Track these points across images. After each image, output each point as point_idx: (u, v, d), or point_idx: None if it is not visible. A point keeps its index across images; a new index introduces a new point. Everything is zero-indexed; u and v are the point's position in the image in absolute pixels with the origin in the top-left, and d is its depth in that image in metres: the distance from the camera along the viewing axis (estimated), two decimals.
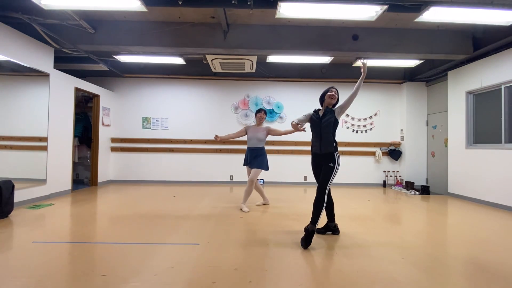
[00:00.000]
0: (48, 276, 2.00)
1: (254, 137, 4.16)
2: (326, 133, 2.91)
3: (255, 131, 4.20)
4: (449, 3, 3.41)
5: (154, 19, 4.65)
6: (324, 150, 2.91)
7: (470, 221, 3.80)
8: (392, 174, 7.05)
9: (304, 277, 2.06)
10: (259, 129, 4.24)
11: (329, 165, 2.85)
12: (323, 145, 2.92)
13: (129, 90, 7.02)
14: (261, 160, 4.11)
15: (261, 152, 4.17)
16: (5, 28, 3.92)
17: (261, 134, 4.18)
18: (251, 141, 4.19)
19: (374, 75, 6.74)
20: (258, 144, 4.17)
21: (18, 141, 4.34)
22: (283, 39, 4.80)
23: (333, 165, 2.84)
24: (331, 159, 2.87)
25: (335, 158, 2.87)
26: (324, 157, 2.91)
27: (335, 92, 2.97)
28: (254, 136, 4.17)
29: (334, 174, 2.84)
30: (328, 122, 2.91)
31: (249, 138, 4.21)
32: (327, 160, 2.88)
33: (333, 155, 2.87)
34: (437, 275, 2.14)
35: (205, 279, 2.01)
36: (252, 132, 4.21)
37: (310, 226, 2.70)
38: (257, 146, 4.17)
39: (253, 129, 4.24)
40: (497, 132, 4.85)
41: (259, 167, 4.09)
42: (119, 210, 4.05)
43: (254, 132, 4.19)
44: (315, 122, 3.02)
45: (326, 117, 2.94)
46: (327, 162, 2.88)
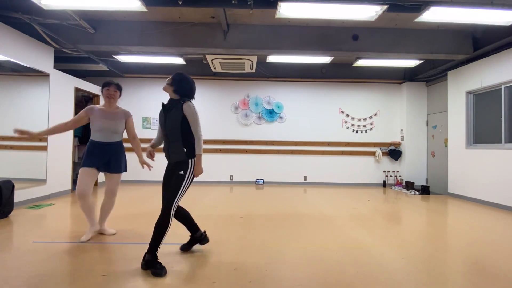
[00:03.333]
0: (48, 276, 2.00)
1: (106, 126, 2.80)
2: (173, 134, 2.24)
3: (106, 116, 2.82)
4: (449, 3, 3.41)
5: (154, 19, 4.65)
6: (173, 158, 2.28)
7: (470, 221, 3.80)
8: (392, 174, 7.05)
9: (304, 277, 2.06)
10: (112, 114, 2.85)
11: (180, 172, 2.20)
12: (171, 152, 2.28)
13: (129, 90, 7.01)
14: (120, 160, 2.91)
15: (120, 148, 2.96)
16: (5, 28, 3.92)
17: (118, 122, 2.88)
18: (101, 133, 2.80)
19: (374, 75, 6.74)
20: (113, 136, 2.86)
21: (18, 141, 4.34)
22: (283, 39, 4.80)
23: (184, 173, 2.20)
24: (182, 166, 2.23)
25: (189, 164, 2.23)
26: (175, 165, 2.27)
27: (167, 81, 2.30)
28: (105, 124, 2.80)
29: (185, 185, 2.19)
30: (174, 118, 2.23)
31: (99, 128, 2.80)
32: (178, 168, 2.23)
33: (186, 162, 2.22)
34: (437, 275, 2.14)
35: (205, 279, 2.01)
36: (101, 118, 2.79)
37: (147, 256, 2.11)
38: (112, 140, 2.86)
39: (101, 114, 2.81)
40: (497, 132, 4.85)
41: (118, 171, 2.88)
42: (119, 210, 4.05)
43: (105, 118, 2.81)
44: (161, 118, 2.35)
45: (172, 112, 2.25)
46: (178, 169, 2.23)
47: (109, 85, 2.83)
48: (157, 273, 2.04)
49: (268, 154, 7.02)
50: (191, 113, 2.20)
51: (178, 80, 2.28)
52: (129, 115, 2.99)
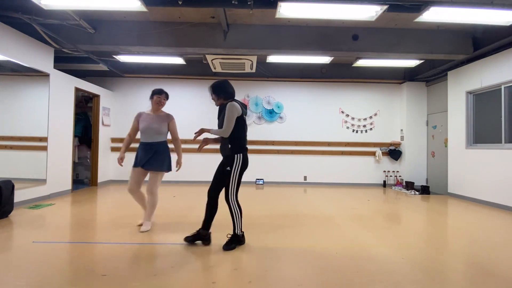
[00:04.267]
0: (48, 276, 2.00)
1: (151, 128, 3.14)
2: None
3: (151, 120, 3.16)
4: (449, 3, 3.41)
5: (154, 19, 4.65)
6: (222, 153, 2.62)
7: (470, 221, 3.80)
8: (392, 174, 7.05)
9: (304, 277, 2.06)
10: (157, 117, 3.19)
11: (227, 169, 2.53)
12: (221, 148, 2.63)
13: (129, 90, 7.01)
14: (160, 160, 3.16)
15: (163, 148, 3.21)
16: (5, 28, 3.92)
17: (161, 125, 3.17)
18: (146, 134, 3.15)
19: (374, 75, 6.74)
20: (157, 137, 3.16)
21: (18, 141, 4.34)
22: (283, 39, 4.80)
23: (231, 169, 2.51)
24: (227, 162, 2.53)
25: (234, 160, 2.51)
26: (225, 160, 2.58)
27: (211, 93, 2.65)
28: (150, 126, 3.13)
29: (233, 178, 2.52)
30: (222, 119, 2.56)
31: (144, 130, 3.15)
32: (225, 163, 2.56)
33: (231, 157, 2.51)
34: (437, 275, 2.14)
35: (205, 279, 2.01)
36: (146, 121, 3.16)
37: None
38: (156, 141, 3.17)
39: (147, 117, 3.19)
40: (497, 132, 4.85)
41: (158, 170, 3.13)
42: (119, 210, 4.05)
43: (150, 122, 3.15)
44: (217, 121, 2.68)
45: (221, 116, 2.60)
46: (225, 165, 2.57)
47: (160, 93, 3.20)
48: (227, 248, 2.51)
49: (268, 154, 7.02)
50: (228, 110, 2.47)
51: (216, 88, 2.62)
52: (171, 118, 3.28)
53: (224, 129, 2.48)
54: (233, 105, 2.50)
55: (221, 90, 2.62)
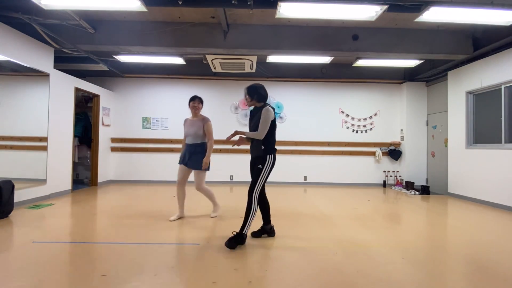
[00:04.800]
0: (48, 276, 2.00)
1: (190, 132, 3.54)
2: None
3: (190, 125, 3.58)
4: (449, 3, 3.41)
5: (154, 19, 4.65)
6: (252, 153, 2.80)
7: (470, 221, 3.80)
8: (392, 174, 7.05)
9: (304, 277, 2.06)
10: (194, 122, 3.58)
11: (258, 166, 2.70)
12: (252, 149, 2.78)
13: (129, 90, 7.02)
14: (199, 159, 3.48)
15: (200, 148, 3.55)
16: (5, 28, 3.92)
17: (197, 128, 3.53)
18: (188, 138, 3.58)
19: (374, 75, 6.74)
20: (196, 140, 3.53)
21: (18, 141, 4.34)
22: (283, 39, 4.80)
23: (262, 167, 2.68)
24: (260, 160, 2.71)
25: (266, 159, 2.69)
26: (254, 160, 2.78)
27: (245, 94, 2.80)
28: (189, 130, 3.55)
29: (262, 176, 2.68)
30: (255, 122, 2.72)
31: (186, 133, 3.59)
32: (256, 162, 2.74)
33: (263, 157, 2.70)
34: (437, 275, 2.14)
35: (205, 279, 2.01)
36: (187, 126, 3.60)
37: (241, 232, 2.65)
38: (195, 142, 3.54)
39: (187, 123, 3.63)
40: (497, 132, 4.85)
41: (198, 168, 3.48)
42: (119, 210, 4.05)
43: (189, 126, 3.57)
44: (248, 123, 2.89)
45: (254, 119, 2.76)
46: (255, 163, 2.74)
47: (194, 99, 3.57)
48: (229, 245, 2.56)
49: None
50: (264, 115, 2.64)
51: (251, 90, 2.77)
52: (206, 121, 3.57)
53: (260, 132, 2.65)
54: (268, 110, 2.66)
55: (255, 92, 2.77)
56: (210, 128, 3.55)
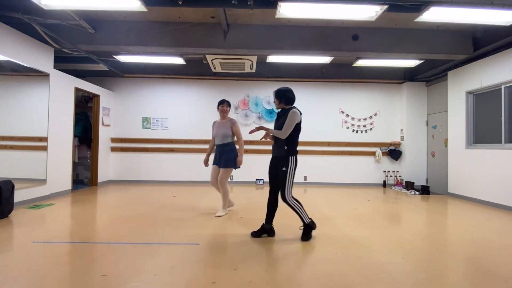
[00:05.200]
0: (48, 276, 2.00)
1: (219, 133, 3.79)
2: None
3: (219, 127, 3.83)
4: (449, 3, 3.41)
5: (154, 19, 4.65)
6: (275, 153, 2.92)
7: (470, 221, 3.80)
8: (392, 174, 7.05)
9: (304, 277, 2.06)
10: (223, 123, 3.83)
11: (282, 169, 2.79)
12: (275, 147, 2.91)
13: (129, 90, 7.02)
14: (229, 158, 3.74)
15: (229, 148, 3.78)
16: (5, 28, 3.92)
17: (226, 129, 3.77)
18: (217, 138, 3.83)
19: (374, 75, 6.74)
20: (224, 140, 3.78)
21: (18, 141, 4.34)
22: (283, 39, 4.80)
23: (286, 170, 2.78)
24: (282, 162, 2.80)
25: (289, 161, 2.79)
26: (277, 160, 2.87)
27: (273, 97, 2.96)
28: (218, 132, 3.81)
29: (289, 178, 2.78)
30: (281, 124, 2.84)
31: (215, 134, 3.85)
32: (280, 163, 2.83)
33: (286, 158, 2.79)
34: (437, 275, 2.14)
35: (205, 279, 2.01)
36: (216, 128, 3.87)
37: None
38: (223, 142, 3.80)
39: (216, 125, 3.89)
40: (497, 132, 4.85)
41: (227, 166, 3.74)
42: (119, 210, 4.05)
43: (218, 128, 3.83)
44: (275, 124, 3.00)
45: (280, 120, 2.89)
46: (280, 165, 2.83)
47: (222, 103, 3.85)
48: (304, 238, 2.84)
49: (268, 154, 6.92)
50: (289, 116, 2.77)
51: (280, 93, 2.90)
52: (234, 122, 3.83)
53: (283, 132, 2.76)
54: (295, 112, 2.79)
55: (283, 96, 2.90)
56: (238, 129, 3.81)
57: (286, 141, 2.80)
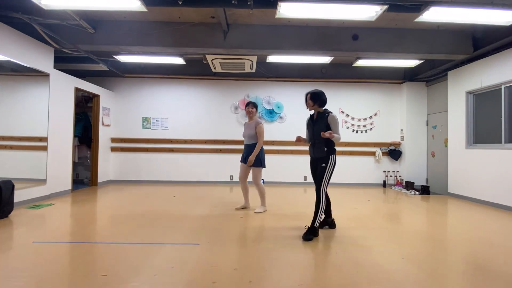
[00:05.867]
0: (48, 276, 2.00)
1: (246, 134, 4.01)
2: (318, 138, 3.03)
3: (246, 128, 4.05)
4: (449, 3, 3.41)
5: (154, 19, 4.65)
6: (316, 154, 3.09)
7: (470, 221, 3.80)
8: (392, 174, 7.05)
9: (304, 277, 2.06)
10: (249, 124, 4.03)
11: (322, 165, 2.98)
12: (316, 150, 3.08)
13: (129, 90, 7.02)
14: (257, 158, 3.91)
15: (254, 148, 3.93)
16: (5, 28, 3.92)
17: (251, 130, 3.95)
18: (245, 138, 4.05)
19: (374, 75, 6.74)
20: (250, 140, 3.97)
21: (18, 141, 4.34)
22: (283, 39, 4.80)
23: (326, 166, 2.97)
24: (324, 160, 2.99)
25: (329, 159, 2.98)
26: (317, 160, 3.06)
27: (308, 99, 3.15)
28: (246, 133, 4.02)
29: (327, 174, 2.97)
30: (319, 127, 3.04)
31: (243, 135, 4.09)
32: (320, 161, 3.01)
33: (327, 158, 2.98)
34: (437, 275, 2.14)
35: (205, 279, 2.01)
36: (244, 128, 4.10)
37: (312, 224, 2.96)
38: (249, 142, 3.99)
39: (245, 125, 4.11)
40: (497, 132, 4.85)
41: (255, 166, 3.91)
42: (119, 210, 4.05)
43: (246, 129, 4.04)
44: (309, 127, 3.23)
45: (318, 123, 3.09)
46: (320, 163, 3.01)
47: (248, 105, 4.04)
48: (306, 238, 2.85)
49: (268, 154, 6.97)
50: (335, 122, 3.01)
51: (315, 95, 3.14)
52: (258, 123, 3.96)
53: (339, 136, 2.95)
54: (336, 117, 3.04)
55: (318, 98, 3.12)
56: (260, 130, 3.92)
57: (325, 143, 2.98)
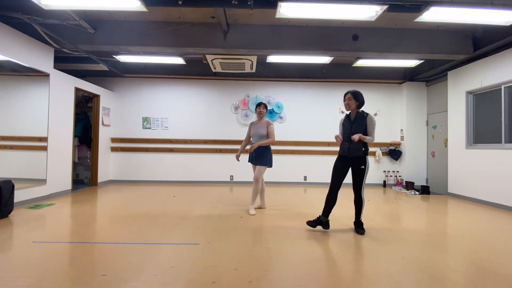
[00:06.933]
0: (48, 276, 2.00)
1: (256, 133, 4.03)
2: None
3: (256, 127, 4.07)
4: (449, 3, 3.41)
5: (154, 19, 4.65)
6: (352, 153, 3.09)
7: (470, 221, 3.80)
8: (392, 174, 7.05)
9: (304, 277, 2.06)
10: (260, 124, 4.07)
11: (361, 167, 3.05)
12: (352, 150, 3.09)
13: (129, 90, 7.02)
14: (264, 157, 3.96)
15: (264, 148, 3.99)
16: (5, 28, 3.92)
17: (262, 129, 4.00)
18: (254, 138, 4.07)
19: (374, 75, 6.74)
20: (260, 140, 4.00)
21: (18, 141, 4.34)
22: (283, 39, 4.80)
23: (364, 167, 3.05)
24: (361, 162, 3.06)
25: (366, 161, 3.06)
26: (353, 160, 3.10)
27: (347, 99, 3.13)
28: (255, 132, 4.04)
29: (365, 175, 3.07)
30: (358, 127, 3.09)
31: (252, 134, 4.11)
32: (357, 163, 3.07)
33: (363, 158, 3.06)
34: (437, 275, 2.14)
35: (205, 279, 2.01)
36: (253, 128, 4.10)
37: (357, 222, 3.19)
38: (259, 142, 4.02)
39: (254, 125, 4.13)
40: (497, 132, 4.85)
41: (262, 164, 3.95)
42: (119, 210, 4.05)
43: (256, 128, 4.06)
44: (346, 126, 3.21)
45: (356, 123, 3.12)
46: (357, 164, 3.07)
47: (259, 105, 4.11)
48: (358, 232, 3.11)
49: None
50: (373, 124, 3.07)
51: (357, 95, 3.11)
52: (269, 124, 4.06)
53: (373, 138, 3.05)
54: (374, 119, 3.10)
55: (360, 97, 3.13)
56: (272, 130, 4.02)
57: (363, 143, 3.05)
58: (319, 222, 3.17)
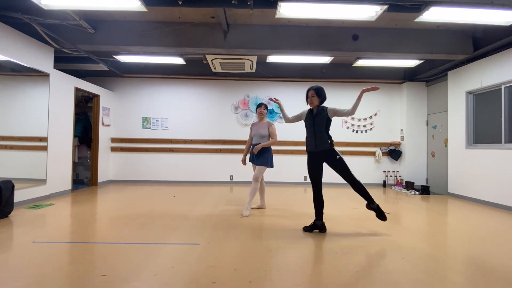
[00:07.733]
0: (48, 276, 2.00)
1: (257, 133, 4.06)
2: (319, 131, 3.14)
3: (257, 128, 4.10)
4: (449, 3, 3.41)
5: (154, 19, 4.65)
6: (320, 147, 3.12)
7: (470, 221, 3.80)
8: (392, 174, 7.05)
9: (304, 277, 2.06)
10: (261, 125, 4.10)
11: (336, 158, 3.06)
12: (319, 143, 3.13)
13: (129, 90, 7.02)
14: (264, 157, 3.97)
15: (265, 148, 4.00)
16: (5, 28, 3.92)
17: (263, 130, 4.04)
18: (255, 138, 4.09)
19: (374, 75, 6.74)
20: (261, 140, 4.03)
21: (18, 141, 4.34)
22: (283, 39, 4.80)
23: (339, 156, 3.07)
24: (333, 154, 3.07)
25: (336, 151, 3.09)
26: (323, 155, 3.12)
27: (311, 95, 3.29)
28: (256, 132, 4.07)
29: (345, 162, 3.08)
30: (320, 120, 3.15)
31: (253, 135, 4.13)
32: (330, 156, 3.08)
33: (333, 150, 3.08)
34: (437, 275, 2.14)
35: (205, 279, 2.01)
36: (254, 128, 4.13)
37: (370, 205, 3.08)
38: (260, 142, 4.05)
39: (255, 126, 4.16)
40: (497, 132, 4.85)
41: (262, 164, 3.96)
42: (119, 210, 4.05)
43: (257, 129, 4.09)
44: (309, 120, 3.27)
45: (318, 117, 3.19)
46: (331, 157, 3.08)
47: (260, 106, 4.18)
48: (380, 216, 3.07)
49: None
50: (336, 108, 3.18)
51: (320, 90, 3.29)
52: (271, 124, 4.12)
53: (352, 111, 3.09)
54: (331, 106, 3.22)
55: (322, 93, 3.30)
56: (274, 130, 4.07)
57: (327, 136, 3.12)
58: (315, 227, 3.14)
